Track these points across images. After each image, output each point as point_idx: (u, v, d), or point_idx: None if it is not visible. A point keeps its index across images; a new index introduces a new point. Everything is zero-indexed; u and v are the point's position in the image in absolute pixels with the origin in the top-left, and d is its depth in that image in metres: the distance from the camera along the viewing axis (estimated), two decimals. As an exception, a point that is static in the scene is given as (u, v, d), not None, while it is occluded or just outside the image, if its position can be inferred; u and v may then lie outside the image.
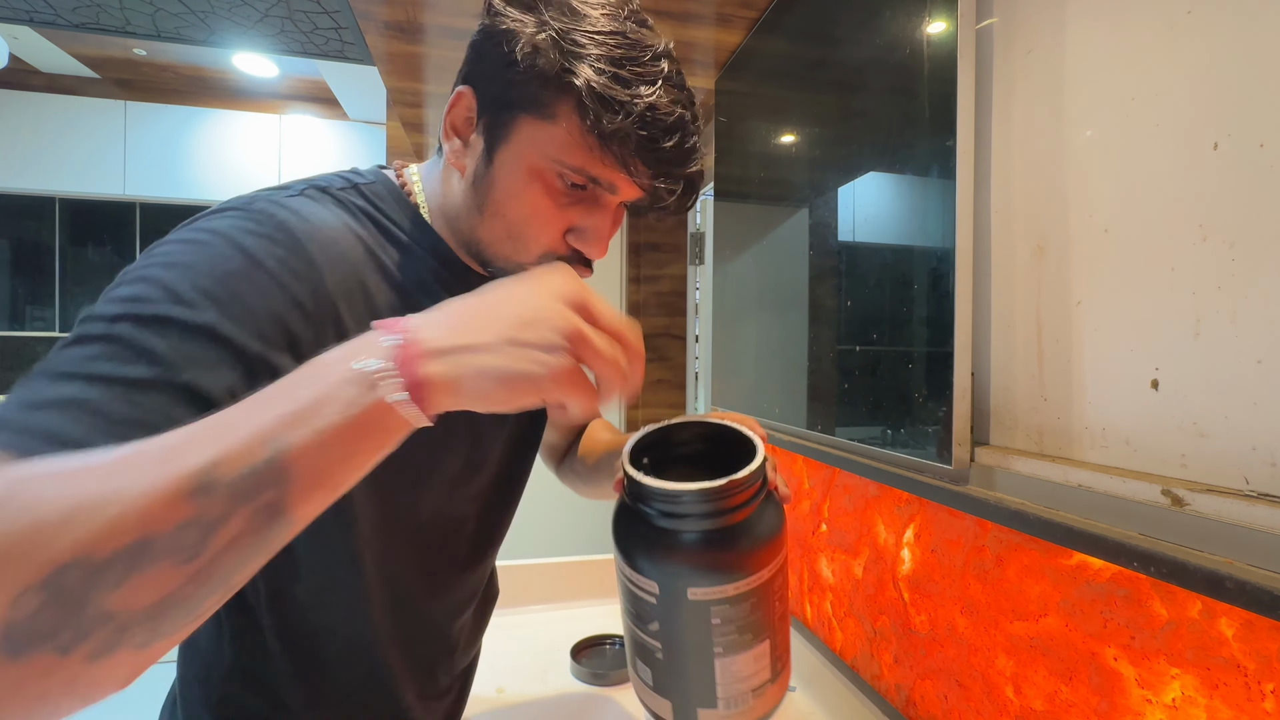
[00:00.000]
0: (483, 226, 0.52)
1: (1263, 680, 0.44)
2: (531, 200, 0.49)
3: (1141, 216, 0.56)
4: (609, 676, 1.00)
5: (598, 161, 0.47)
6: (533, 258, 0.51)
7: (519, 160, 0.49)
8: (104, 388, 0.33)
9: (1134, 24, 0.57)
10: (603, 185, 0.49)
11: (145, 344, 0.35)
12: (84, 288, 2.95)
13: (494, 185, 0.50)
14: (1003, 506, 0.63)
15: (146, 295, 0.37)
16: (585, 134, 0.46)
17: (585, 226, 0.51)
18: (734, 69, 1.41)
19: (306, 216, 0.46)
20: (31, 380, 0.34)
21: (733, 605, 0.44)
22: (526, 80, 0.47)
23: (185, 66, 2.98)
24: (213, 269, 0.39)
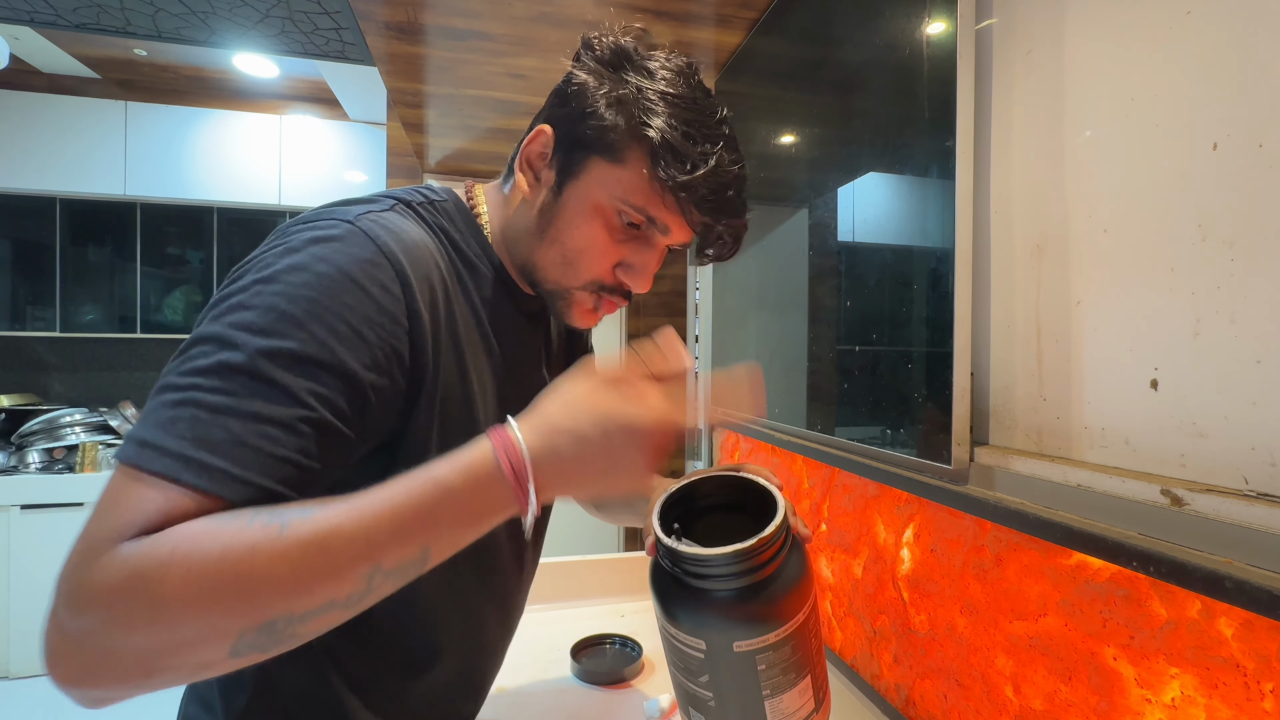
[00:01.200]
0: (541, 251, 0.57)
1: (1262, 680, 0.44)
2: (590, 232, 0.55)
3: (1141, 216, 0.56)
4: (609, 676, 1.01)
5: (659, 204, 0.54)
6: (580, 283, 0.57)
7: (586, 195, 0.55)
8: (259, 427, 0.40)
9: (1134, 24, 0.58)
10: (657, 226, 0.56)
11: (288, 385, 0.42)
12: (84, 288, 2.95)
13: (559, 215, 0.56)
14: (1002, 506, 0.63)
15: (279, 330, 0.42)
16: (652, 179, 0.53)
17: (634, 263, 0.57)
18: (734, 69, 1.41)
19: (399, 233, 0.50)
20: (182, 406, 0.40)
21: (775, 650, 0.47)
22: (604, 127, 0.54)
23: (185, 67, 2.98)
24: (333, 304, 0.44)
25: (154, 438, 0.39)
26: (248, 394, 0.40)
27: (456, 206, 0.59)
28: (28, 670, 2.55)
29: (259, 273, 0.44)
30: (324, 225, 0.47)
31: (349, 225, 0.47)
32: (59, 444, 2.71)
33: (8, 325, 2.88)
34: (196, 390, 0.40)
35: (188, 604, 0.35)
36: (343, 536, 0.39)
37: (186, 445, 0.38)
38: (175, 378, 0.41)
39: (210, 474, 0.38)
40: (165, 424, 0.39)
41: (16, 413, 2.83)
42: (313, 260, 0.45)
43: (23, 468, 2.65)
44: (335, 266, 0.45)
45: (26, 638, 2.55)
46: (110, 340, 3.14)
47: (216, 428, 0.39)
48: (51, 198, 2.87)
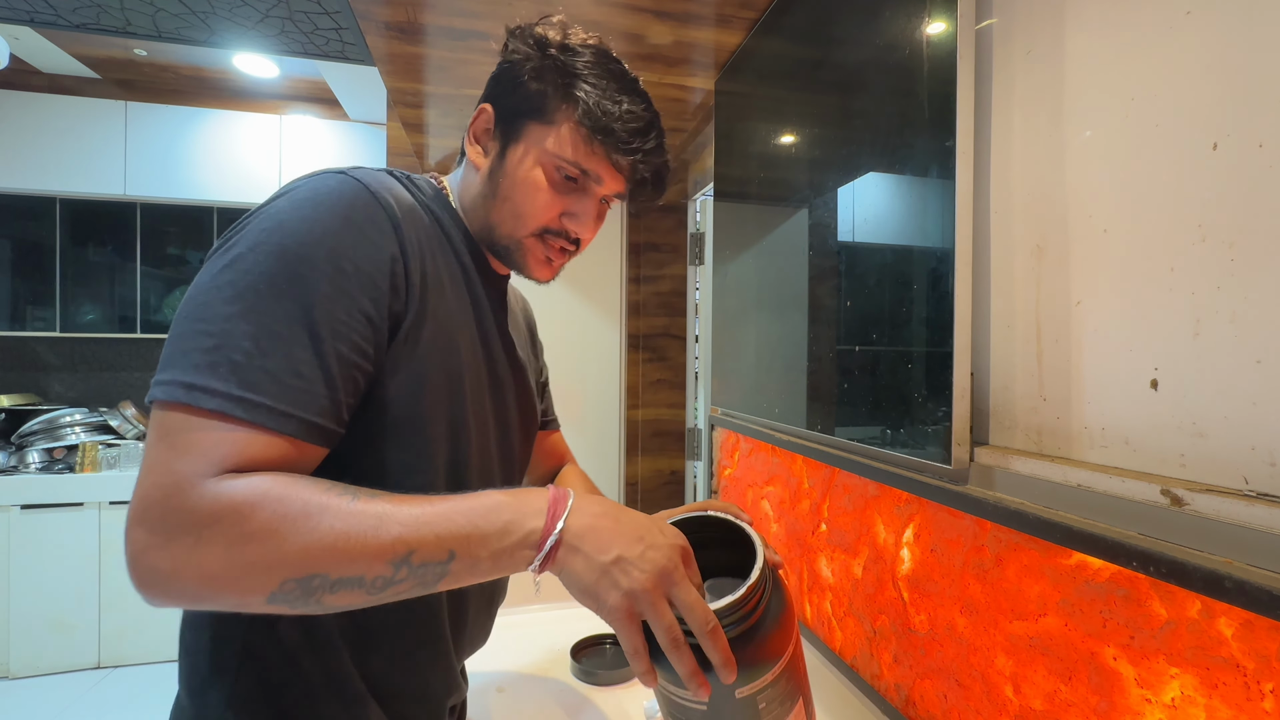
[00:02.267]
0: (495, 210, 0.65)
1: (1262, 680, 0.44)
2: (533, 185, 0.63)
3: (1141, 216, 0.56)
4: (609, 676, 1.01)
5: (587, 154, 0.62)
6: (530, 231, 0.64)
7: (526, 154, 0.63)
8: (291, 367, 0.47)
9: (1134, 24, 0.58)
10: (591, 176, 0.63)
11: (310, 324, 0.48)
12: (84, 288, 2.94)
13: (505, 175, 0.64)
14: (1002, 506, 0.63)
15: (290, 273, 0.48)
16: (585, 136, 0.61)
17: (576, 210, 0.65)
18: (734, 69, 1.41)
19: (390, 186, 0.57)
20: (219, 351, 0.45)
21: (774, 687, 0.49)
22: (535, 94, 0.62)
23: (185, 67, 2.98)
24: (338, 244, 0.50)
25: (199, 380, 0.44)
26: (279, 338, 0.46)
27: (431, 186, 0.67)
28: (28, 670, 2.55)
29: (266, 221, 0.49)
30: (319, 178, 0.53)
31: (341, 175, 0.54)
32: (59, 444, 2.71)
33: (8, 325, 2.88)
34: (229, 334, 0.45)
35: (264, 539, 0.42)
36: (394, 519, 0.45)
37: (234, 386, 0.44)
38: (206, 319, 0.46)
39: (259, 410, 0.45)
40: (209, 367, 0.44)
41: (16, 413, 2.83)
42: (313, 208, 0.50)
43: (23, 468, 2.65)
44: (333, 212, 0.51)
45: (26, 638, 2.55)
46: (110, 340, 3.14)
47: (258, 371, 0.45)
48: (51, 198, 2.87)
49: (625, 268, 2.64)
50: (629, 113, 0.62)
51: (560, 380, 2.58)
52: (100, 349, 3.15)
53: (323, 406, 0.48)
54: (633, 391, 2.65)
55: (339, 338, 0.49)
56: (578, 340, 2.62)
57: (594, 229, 0.67)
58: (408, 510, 0.46)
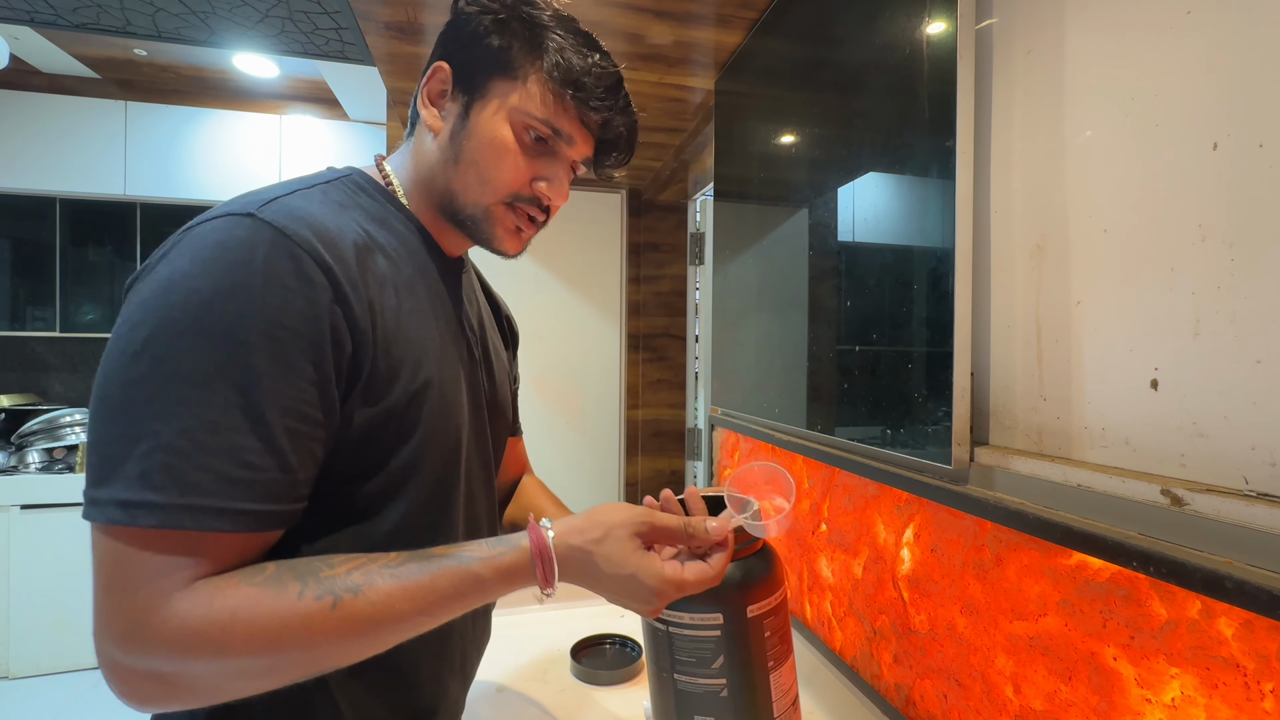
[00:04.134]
0: (457, 176, 0.59)
1: (1262, 680, 0.44)
2: (502, 146, 0.58)
3: (1141, 216, 0.56)
4: (609, 676, 1.01)
5: (559, 113, 0.58)
6: (499, 197, 0.60)
7: (493, 115, 0.58)
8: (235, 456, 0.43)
9: (1134, 24, 0.58)
10: (562, 137, 0.59)
11: (250, 405, 0.43)
12: (84, 288, 2.94)
13: (470, 135, 0.58)
14: (1002, 506, 0.63)
15: (218, 350, 0.43)
16: (555, 92, 0.58)
17: (548, 174, 0.61)
18: (734, 69, 1.41)
19: (306, 216, 0.49)
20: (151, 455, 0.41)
21: (776, 615, 0.53)
22: (501, 48, 0.58)
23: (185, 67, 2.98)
24: (266, 311, 0.44)
25: (136, 495, 0.40)
26: (216, 428, 0.42)
27: (361, 178, 0.60)
28: (28, 670, 2.55)
29: (173, 292, 0.43)
30: (222, 227, 0.46)
31: (251, 220, 0.46)
32: (59, 444, 2.71)
33: (8, 325, 2.88)
34: (158, 435, 0.41)
35: (251, 656, 0.42)
36: (388, 614, 0.45)
37: (174, 494, 0.41)
38: (129, 420, 0.41)
39: (206, 514, 0.41)
40: (140, 477, 0.40)
41: (16, 413, 2.83)
42: (226, 269, 0.44)
43: (23, 468, 2.65)
44: (250, 270, 0.44)
45: (26, 638, 2.55)
46: (110, 340, 3.13)
47: (198, 470, 0.41)
48: (51, 198, 2.87)
49: (625, 268, 2.64)
50: (599, 67, 0.58)
51: (560, 380, 2.59)
52: (100, 349, 3.14)
53: (279, 491, 0.44)
54: (633, 391, 2.65)
55: (286, 413, 0.44)
56: (578, 340, 2.61)
57: (565, 195, 0.62)
58: (396, 600, 0.45)
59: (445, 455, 0.59)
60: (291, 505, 0.46)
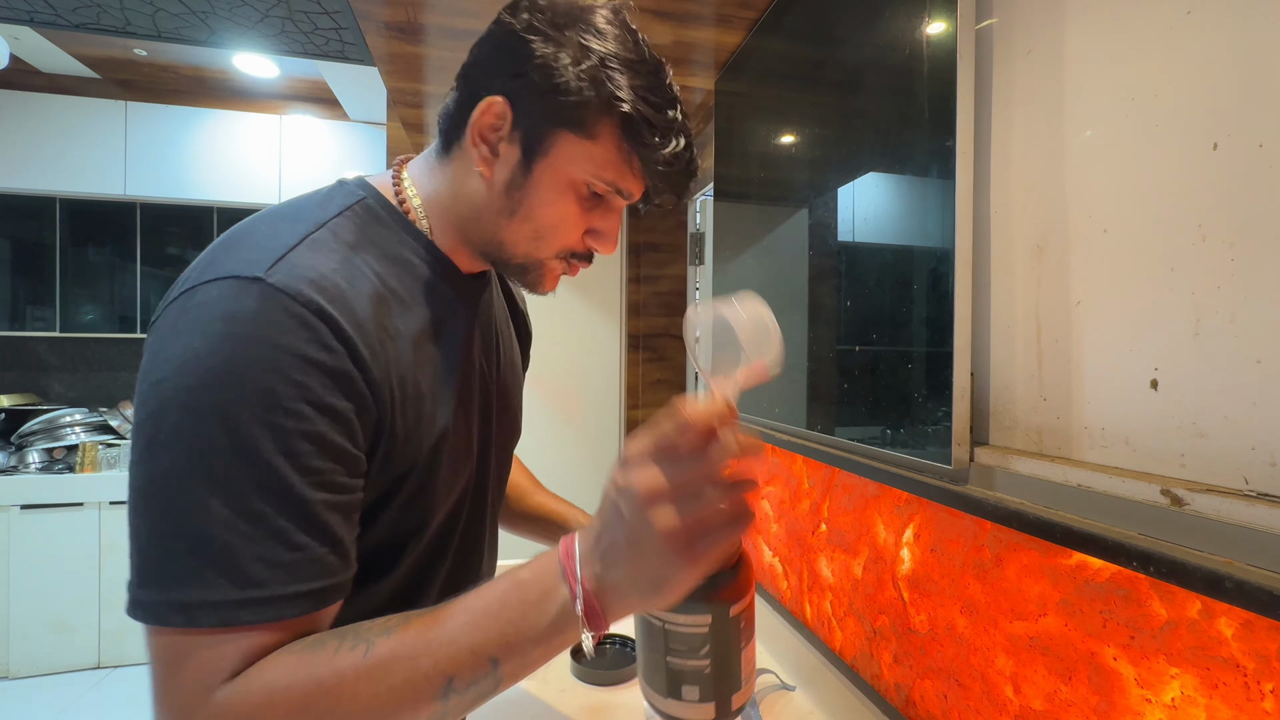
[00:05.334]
0: (511, 229, 0.56)
1: (1262, 680, 0.44)
2: (565, 208, 0.55)
3: (1141, 216, 0.56)
4: (609, 676, 1.01)
5: (628, 175, 0.55)
6: (552, 254, 0.58)
7: (558, 173, 0.54)
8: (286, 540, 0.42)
9: (1133, 24, 0.58)
10: (623, 194, 0.56)
11: (289, 487, 0.42)
12: (84, 288, 2.94)
13: (530, 193, 0.55)
14: (1002, 506, 0.63)
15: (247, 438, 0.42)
16: (626, 152, 0.54)
17: (602, 229, 0.58)
18: (734, 69, 1.41)
19: (317, 279, 0.47)
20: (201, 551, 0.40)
21: (748, 609, 0.57)
22: (574, 104, 0.52)
23: (185, 67, 2.98)
24: (289, 389, 0.43)
25: (193, 596, 0.40)
26: (258, 516, 0.41)
27: (377, 203, 0.57)
28: (28, 670, 2.55)
29: (186, 376, 0.42)
30: (234, 294, 0.44)
31: (260, 287, 0.44)
32: (59, 444, 2.71)
33: (8, 325, 2.88)
34: (201, 530, 0.40)
35: None
36: (423, 653, 0.41)
37: (231, 590, 0.40)
38: (168, 516, 0.41)
39: (265, 606, 0.41)
40: (194, 576, 0.40)
41: (16, 413, 2.83)
42: (237, 346, 0.42)
43: (23, 468, 2.65)
44: (264, 344, 0.43)
45: (26, 638, 2.55)
46: (110, 340, 3.14)
47: (249, 561, 0.41)
48: (51, 198, 2.87)
49: (625, 268, 2.64)
50: (670, 121, 0.54)
51: (560, 380, 2.59)
52: (100, 349, 3.15)
53: (329, 565, 0.44)
54: (633, 391, 2.65)
55: (325, 487, 0.44)
56: (578, 340, 2.61)
57: (615, 245, 0.60)
58: (427, 637, 0.41)
59: (449, 510, 0.60)
60: (345, 576, 0.46)
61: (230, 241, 0.48)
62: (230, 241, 0.48)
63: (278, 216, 0.51)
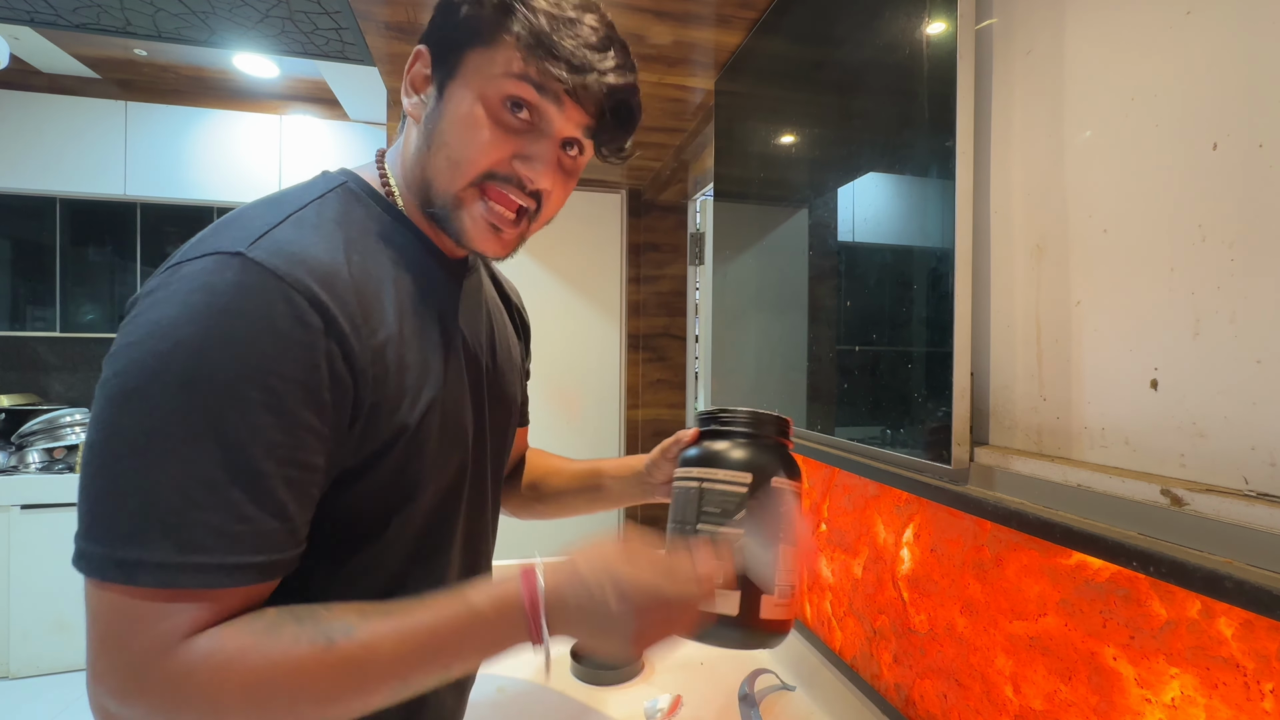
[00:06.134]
0: (430, 162, 0.54)
1: (1262, 680, 0.44)
2: (474, 123, 0.52)
3: (1141, 216, 0.56)
4: (609, 676, 1.01)
5: (530, 77, 0.51)
6: (468, 179, 0.53)
7: (465, 88, 0.52)
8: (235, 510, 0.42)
9: (1134, 24, 0.58)
10: (538, 108, 0.52)
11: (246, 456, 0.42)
12: (84, 288, 2.94)
13: (443, 116, 0.53)
14: (1002, 506, 0.63)
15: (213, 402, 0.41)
16: (519, 48, 0.51)
17: (531, 152, 0.53)
18: (734, 69, 1.41)
19: (298, 252, 0.46)
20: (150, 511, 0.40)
21: (795, 499, 0.57)
22: (471, 17, 0.52)
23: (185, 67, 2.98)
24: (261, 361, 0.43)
25: (134, 554, 0.39)
26: (211, 483, 0.41)
27: (357, 184, 0.56)
28: (28, 670, 2.55)
29: (160, 340, 0.41)
30: (210, 270, 0.43)
31: (241, 260, 0.44)
32: (59, 444, 2.70)
33: (8, 325, 2.88)
34: (152, 491, 0.40)
35: (242, 709, 0.41)
36: (382, 657, 0.43)
37: (172, 553, 0.40)
38: (121, 473, 0.40)
39: (206, 572, 0.40)
40: (138, 534, 0.39)
41: (16, 413, 2.83)
42: (216, 318, 0.42)
43: (23, 468, 2.65)
44: (242, 318, 0.42)
45: (26, 638, 2.55)
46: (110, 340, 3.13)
47: (195, 527, 0.40)
48: (51, 198, 2.87)
49: (625, 268, 2.64)
50: (576, 23, 0.51)
51: (560, 380, 2.58)
52: (100, 349, 3.15)
53: (279, 541, 0.43)
54: (633, 391, 2.65)
55: (285, 463, 0.43)
56: (578, 340, 2.61)
57: (553, 177, 0.55)
58: (385, 646, 0.43)
59: (444, 486, 0.58)
60: (292, 552, 0.45)
61: (219, 225, 0.49)
62: (219, 225, 0.49)
63: (263, 203, 0.52)
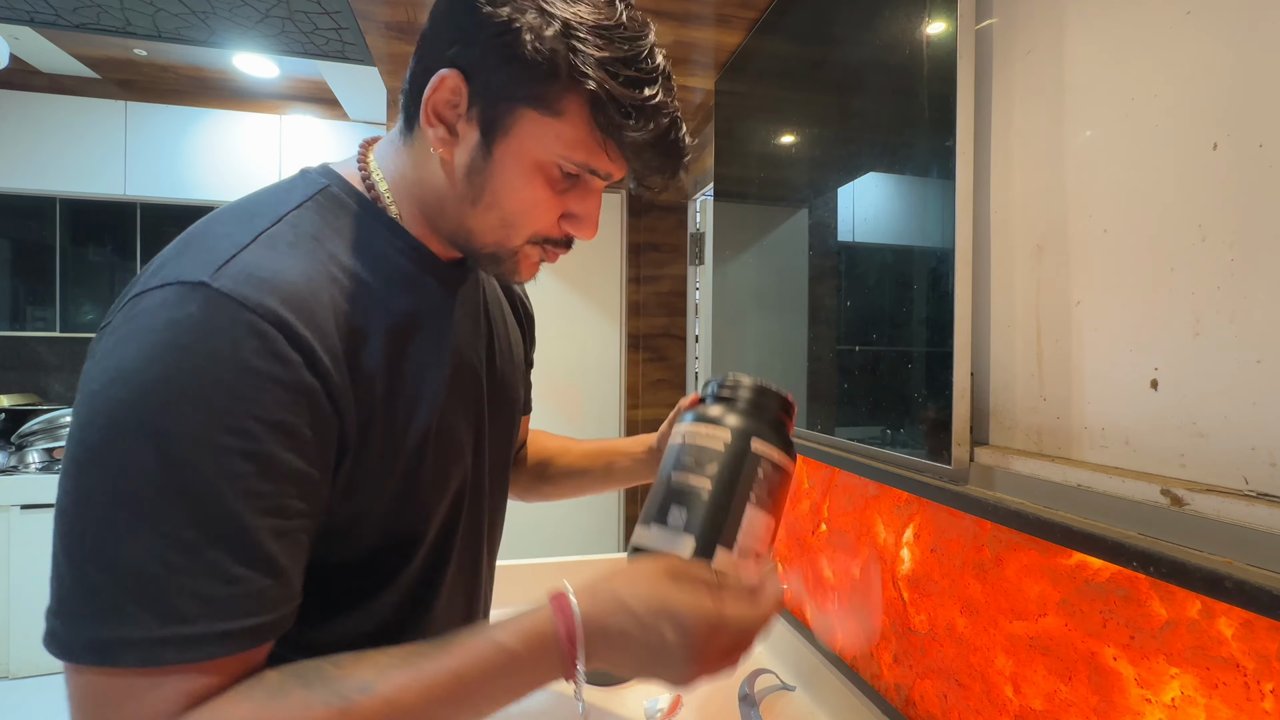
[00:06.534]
0: (476, 217, 0.51)
1: (1262, 680, 0.44)
2: (533, 194, 0.50)
3: (1141, 216, 0.56)
4: (609, 676, 1.00)
5: (602, 155, 0.49)
6: (523, 241, 0.52)
7: (521, 155, 0.48)
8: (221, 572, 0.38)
9: (1134, 24, 0.58)
10: (600, 175, 0.51)
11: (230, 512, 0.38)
12: (84, 288, 2.94)
13: (493, 177, 0.49)
14: (1002, 506, 0.63)
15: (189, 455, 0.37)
16: (594, 132, 0.47)
17: (579, 212, 0.52)
18: (734, 69, 1.41)
19: (272, 280, 0.42)
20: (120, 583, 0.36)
21: (774, 472, 0.56)
22: (533, 77, 0.46)
23: (185, 67, 2.98)
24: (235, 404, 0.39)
25: (109, 632, 0.36)
26: (190, 545, 0.37)
27: (342, 190, 0.51)
28: (28, 670, 2.55)
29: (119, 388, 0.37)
30: (177, 300, 0.39)
31: (205, 292, 0.39)
32: (59, 444, 2.70)
33: (8, 325, 2.88)
34: (123, 560, 0.36)
35: None
36: (406, 713, 0.39)
37: (153, 626, 0.36)
38: (88, 542, 0.36)
39: (192, 645, 0.36)
40: (113, 610, 0.36)
41: (16, 413, 2.83)
42: (179, 359, 0.38)
43: (23, 468, 2.65)
44: (210, 358, 0.38)
45: (26, 638, 2.55)
46: (110, 340, 3.13)
47: (176, 594, 0.36)
48: (51, 198, 2.87)
49: (625, 268, 2.64)
50: (646, 100, 0.47)
51: (560, 380, 2.58)
52: (100, 349, 3.14)
53: (269, 599, 0.39)
54: (633, 391, 2.65)
55: (269, 512, 0.39)
56: (578, 340, 2.61)
57: (596, 229, 0.54)
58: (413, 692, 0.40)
59: (443, 513, 0.56)
60: (286, 609, 0.41)
61: (183, 243, 0.44)
62: (183, 243, 0.44)
63: (234, 214, 0.47)
